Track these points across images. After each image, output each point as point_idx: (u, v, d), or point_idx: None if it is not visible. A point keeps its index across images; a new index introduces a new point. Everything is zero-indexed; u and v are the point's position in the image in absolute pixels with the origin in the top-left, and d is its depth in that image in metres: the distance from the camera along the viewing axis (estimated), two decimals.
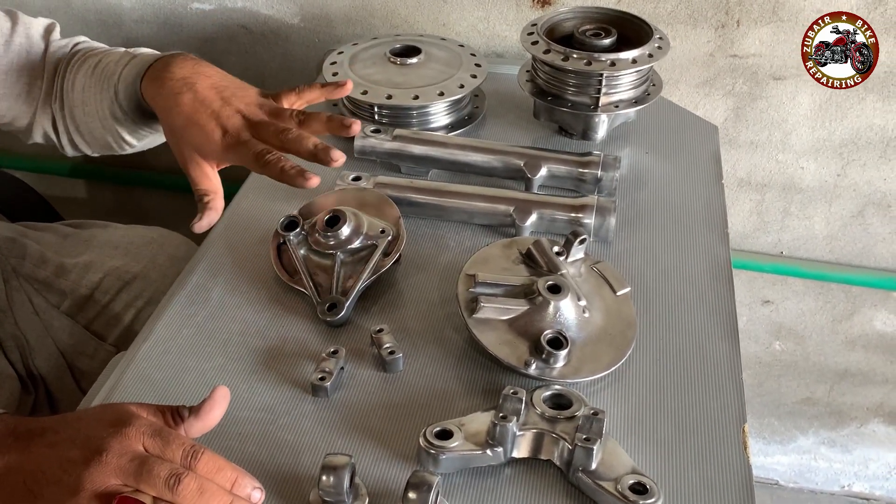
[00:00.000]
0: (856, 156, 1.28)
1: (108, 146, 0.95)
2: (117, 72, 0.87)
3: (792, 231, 1.38)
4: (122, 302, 1.04)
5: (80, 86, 0.91)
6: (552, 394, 0.67)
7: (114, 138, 0.92)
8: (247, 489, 0.57)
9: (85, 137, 0.95)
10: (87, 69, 0.91)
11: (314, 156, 0.75)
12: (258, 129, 0.78)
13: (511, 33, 1.26)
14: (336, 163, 0.74)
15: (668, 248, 0.88)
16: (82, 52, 0.94)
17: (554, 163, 0.93)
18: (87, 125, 0.93)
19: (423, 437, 0.63)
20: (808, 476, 1.73)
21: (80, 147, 0.98)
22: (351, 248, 0.80)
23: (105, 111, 0.89)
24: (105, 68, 0.89)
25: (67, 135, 0.96)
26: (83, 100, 0.91)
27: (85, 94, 0.91)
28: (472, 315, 0.73)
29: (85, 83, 0.91)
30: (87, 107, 0.91)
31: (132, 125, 0.90)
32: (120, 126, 0.90)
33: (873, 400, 1.58)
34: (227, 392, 0.61)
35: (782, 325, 1.50)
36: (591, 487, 0.62)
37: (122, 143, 0.93)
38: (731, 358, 0.75)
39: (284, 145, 0.76)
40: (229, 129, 0.78)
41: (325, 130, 0.79)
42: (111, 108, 0.88)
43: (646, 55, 0.96)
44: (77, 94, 0.91)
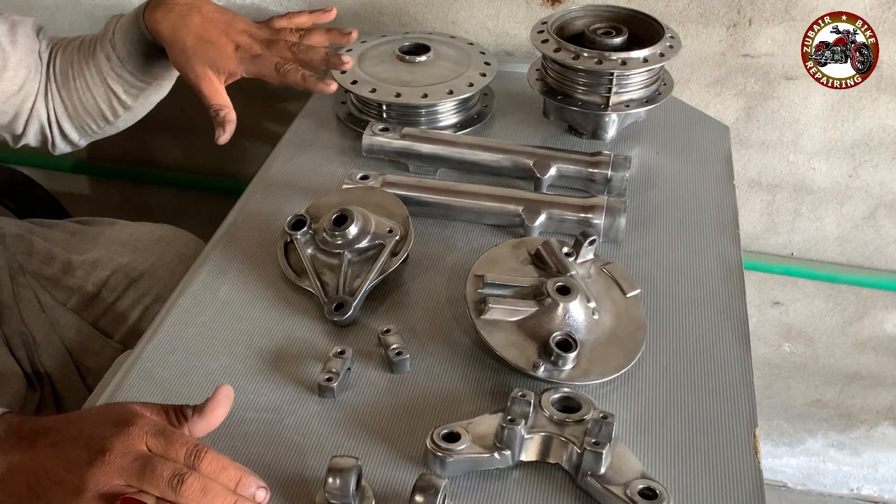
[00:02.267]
0: (868, 157, 1.27)
1: (101, 116, 0.98)
2: (109, 30, 0.93)
3: (802, 232, 1.37)
4: (130, 299, 1.03)
5: (66, 65, 0.95)
6: (561, 396, 0.67)
7: (108, 104, 0.96)
8: (251, 489, 0.56)
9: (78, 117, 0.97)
10: (71, 49, 0.96)
11: (327, 62, 0.87)
12: (268, 45, 0.88)
13: (521, 31, 1.25)
14: (346, 66, 0.87)
15: (679, 250, 0.87)
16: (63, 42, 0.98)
17: (563, 162, 0.93)
18: (80, 99, 0.96)
19: (431, 440, 0.63)
20: (816, 479, 1.72)
21: (69, 134, 0.99)
22: (358, 247, 0.80)
23: (97, 75, 0.94)
24: (92, 39, 0.95)
25: (58, 125, 0.98)
26: (72, 75, 0.95)
27: (73, 70, 0.95)
28: (480, 316, 0.72)
29: (72, 59, 0.95)
30: (76, 82, 0.95)
31: (129, 77, 0.94)
32: (115, 82, 0.94)
33: (883, 403, 1.57)
34: (231, 391, 0.61)
35: (792, 326, 1.49)
36: (600, 492, 0.61)
37: (116, 105, 0.96)
38: (743, 361, 0.74)
39: (297, 56, 0.86)
40: (241, 45, 0.87)
41: (326, 41, 0.93)
42: (107, 65, 0.93)
43: (657, 54, 0.96)
44: (65, 74, 0.95)
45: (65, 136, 0.99)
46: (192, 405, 0.60)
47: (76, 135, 1.00)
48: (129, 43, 0.92)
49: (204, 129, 1.28)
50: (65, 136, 0.99)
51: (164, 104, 1.03)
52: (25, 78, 0.93)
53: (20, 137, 0.98)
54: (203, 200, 1.56)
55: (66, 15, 1.38)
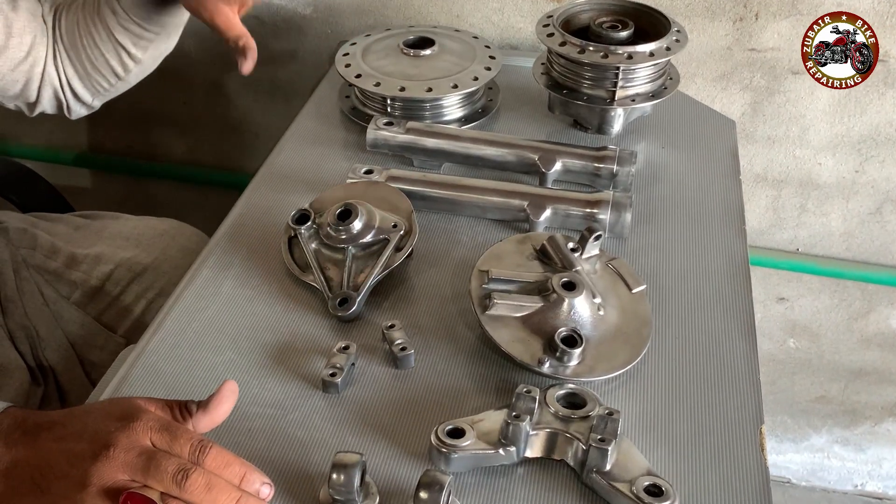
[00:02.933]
0: (874, 152, 1.26)
1: (111, 72, 0.97)
2: None
3: (808, 228, 1.36)
4: (133, 294, 1.03)
5: (72, 25, 0.94)
6: (566, 393, 0.67)
7: (117, 59, 0.95)
8: (255, 484, 0.56)
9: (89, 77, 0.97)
10: (75, 9, 0.95)
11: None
12: None
13: (526, 25, 1.24)
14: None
15: (685, 245, 0.87)
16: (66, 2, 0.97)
17: (569, 157, 0.92)
18: (89, 58, 0.95)
19: (435, 436, 0.62)
20: (820, 475, 1.71)
21: (82, 95, 0.99)
22: (363, 242, 0.80)
23: (104, 31, 0.93)
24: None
25: (70, 87, 0.97)
26: (79, 33, 0.94)
27: (80, 29, 0.94)
28: (484, 312, 0.72)
29: (78, 20, 0.94)
30: (83, 40, 0.94)
31: (136, 28, 0.93)
32: (122, 35, 0.93)
33: (888, 399, 1.57)
34: (235, 387, 0.61)
35: (797, 322, 1.49)
36: (606, 489, 0.61)
37: (126, 59, 0.96)
38: (749, 357, 0.74)
39: None
40: None
41: None
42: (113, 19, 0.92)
43: (663, 48, 0.95)
44: (72, 33, 0.94)
45: (78, 97, 0.99)
46: (197, 401, 0.60)
47: (89, 95, 0.99)
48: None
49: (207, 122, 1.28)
50: (78, 97, 0.99)
51: (167, 98, 1.03)
52: (32, 43, 0.92)
53: (35, 105, 0.98)
54: (206, 194, 1.56)
55: None
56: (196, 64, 1.40)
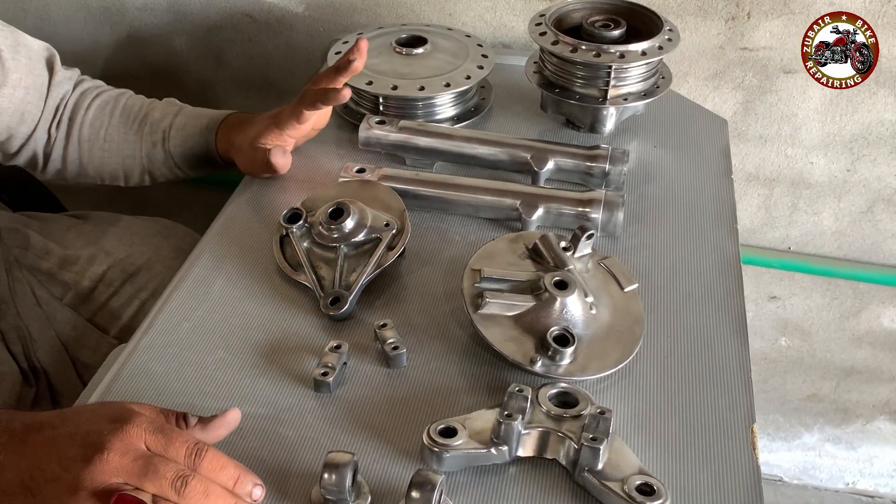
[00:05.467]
0: (866, 151, 1.27)
1: (113, 178, 1.02)
2: (164, 121, 0.98)
3: (800, 226, 1.37)
4: (126, 294, 1.03)
5: (98, 123, 0.99)
6: (558, 392, 0.66)
7: (137, 177, 1.01)
8: (248, 486, 0.56)
9: (88, 169, 1.01)
10: (108, 108, 0.99)
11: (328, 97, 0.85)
12: None
13: (518, 24, 1.24)
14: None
15: (677, 244, 0.87)
16: (93, 89, 1.01)
17: (561, 156, 0.92)
18: (102, 159, 1.00)
19: (427, 435, 0.62)
20: (812, 473, 1.72)
21: (68, 174, 1.02)
22: (355, 241, 0.79)
23: (136, 154, 0.99)
24: (138, 112, 0.99)
25: (62, 162, 1.01)
26: (105, 136, 0.99)
27: (108, 132, 0.99)
28: (477, 311, 0.72)
29: (107, 122, 0.99)
30: (108, 143, 0.99)
31: (175, 169, 1.00)
32: (156, 169, 1.00)
33: (879, 397, 1.57)
34: (239, 416, 0.62)
35: (789, 321, 1.49)
36: (598, 488, 0.61)
37: (145, 178, 1.02)
38: (740, 355, 0.74)
39: None
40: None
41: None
42: (152, 152, 0.98)
43: (655, 47, 0.95)
44: (95, 130, 0.99)
45: (61, 173, 1.02)
46: (197, 416, 0.60)
47: (76, 178, 1.03)
48: (187, 147, 0.97)
49: None
50: (61, 173, 1.02)
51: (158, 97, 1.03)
52: (23, 100, 0.93)
53: (12, 157, 1.00)
54: (198, 192, 1.55)
55: (61, 6, 1.37)
56: (188, 63, 1.39)
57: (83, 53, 1.40)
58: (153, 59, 1.40)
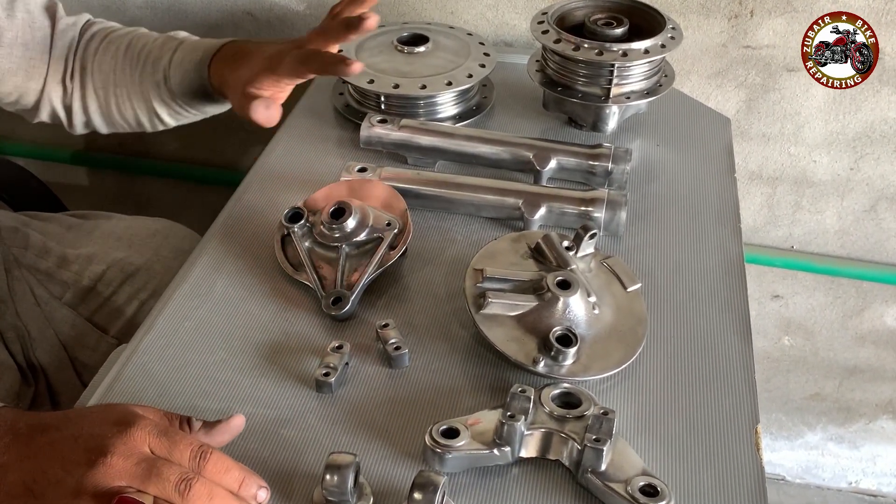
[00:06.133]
0: (869, 149, 1.26)
1: (137, 124, 0.98)
2: (164, 56, 0.92)
3: (803, 225, 1.36)
4: (125, 294, 1.02)
5: (108, 68, 0.94)
6: (561, 392, 0.66)
7: (149, 118, 0.97)
8: (252, 489, 0.56)
9: (112, 117, 0.98)
10: (116, 51, 0.95)
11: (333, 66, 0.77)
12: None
13: (520, 22, 1.24)
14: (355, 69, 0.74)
15: (680, 243, 0.86)
16: (101, 33, 0.97)
17: (563, 155, 0.92)
18: (118, 106, 0.96)
19: (429, 436, 0.62)
20: (815, 472, 1.72)
21: (96, 125, 0.99)
22: (356, 240, 0.79)
23: (142, 94, 0.94)
24: (140, 50, 0.94)
25: (85, 113, 0.98)
26: (115, 81, 0.94)
27: (118, 76, 0.94)
28: (479, 311, 0.71)
29: (116, 65, 0.94)
30: (119, 88, 0.94)
31: (177, 106, 0.95)
32: (161, 107, 0.95)
33: (882, 396, 1.57)
34: (243, 422, 0.62)
35: (792, 320, 1.49)
36: (601, 489, 0.60)
37: (156, 122, 0.98)
38: (744, 355, 0.74)
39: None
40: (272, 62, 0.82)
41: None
42: (155, 90, 0.93)
43: (658, 45, 0.95)
44: (106, 75, 0.94)
45: (89, 124, 0.99)
46: (201, 420, 0.60)
47: (105, 128, 1.00)
48: (185, 84, 0.92)
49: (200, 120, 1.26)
50: (89, 124, 0.99)
51: None
52: (23, 56, 0.91)
53: (34, 114, 0.98)
54: (199, 192, 1.55)
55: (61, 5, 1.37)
56: None
57: None
58: None
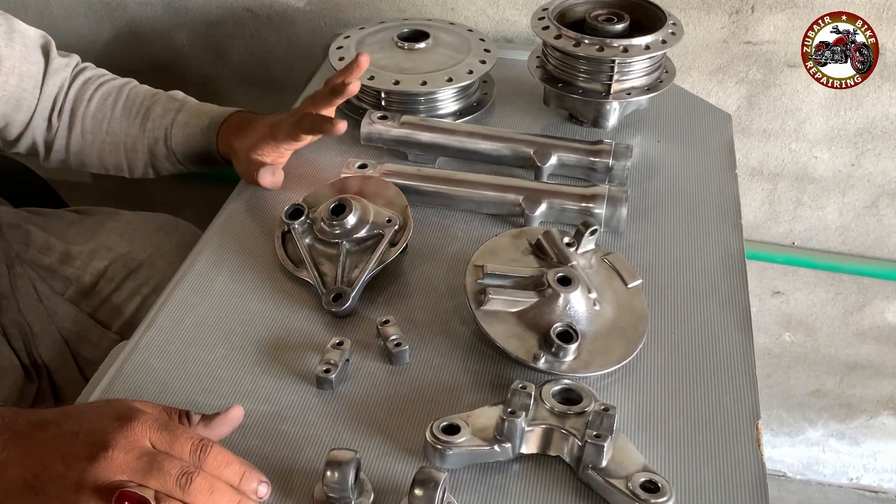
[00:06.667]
0: (870, 145, 1.26)
1: (125, 170, 1.02)
2: (167, 117, 0.97)
3: (804, 221, 1.36)
4: (128, 290, 1.03)
5: (100, 116, 0.98)
6: (562, 388, 0.66)
7: (141, 169, 1.01)
8: (253, 483, 0.56)
9: (91, 160, 1.02)
10: (111, 100, 0.99)
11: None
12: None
13: (521, 18, 1.24)
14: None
15: (681, 239, 0.86)
16: (94, 80, 1.00)
17: (564, 151, 0.92)
18: (107, 152, 1.00)
19: (430, 432, 0.62)
20: (816, 468, 1.72)
21: (72, 164, 1.03)
22: (357, 237, 0.79)
23: (139, 146, 0.98)
24: (140, 106, 0.98)
25: (65, 152, 1.01)
26: (107, 130, 0.99)
27: (110, 125, 0.98)
28: (480, 307, 0.71)
29: (110, 115, 0.98)
30: (109, 136, 0.99)
31: (177, 164, 1.00)
32: (159, 162, 1.00)
33: (883, 392, 1.57)
34: (241, 413, 0.62)
35: (793, 316, 1.49)
36: (602, 485, 0.60)
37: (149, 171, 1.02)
38: (745, 351, 0.74)
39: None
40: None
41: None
42: (155, 147, 0.98)
43: (659, 41, 0.94)
44: (98, 123, 0.98)
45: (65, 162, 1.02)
46: (200, 413, 0.60)
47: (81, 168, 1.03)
48: (189, 145, 0.97)
49: None
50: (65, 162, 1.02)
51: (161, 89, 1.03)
52: (17, 87, 0.93)
53: (11, 145, 1.00)
54: (200, 189, 1.55)
55: (62, 2, 1.37)
56: (189, 57, 1.39)
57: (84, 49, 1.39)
58: (154, 54, 1.39)
